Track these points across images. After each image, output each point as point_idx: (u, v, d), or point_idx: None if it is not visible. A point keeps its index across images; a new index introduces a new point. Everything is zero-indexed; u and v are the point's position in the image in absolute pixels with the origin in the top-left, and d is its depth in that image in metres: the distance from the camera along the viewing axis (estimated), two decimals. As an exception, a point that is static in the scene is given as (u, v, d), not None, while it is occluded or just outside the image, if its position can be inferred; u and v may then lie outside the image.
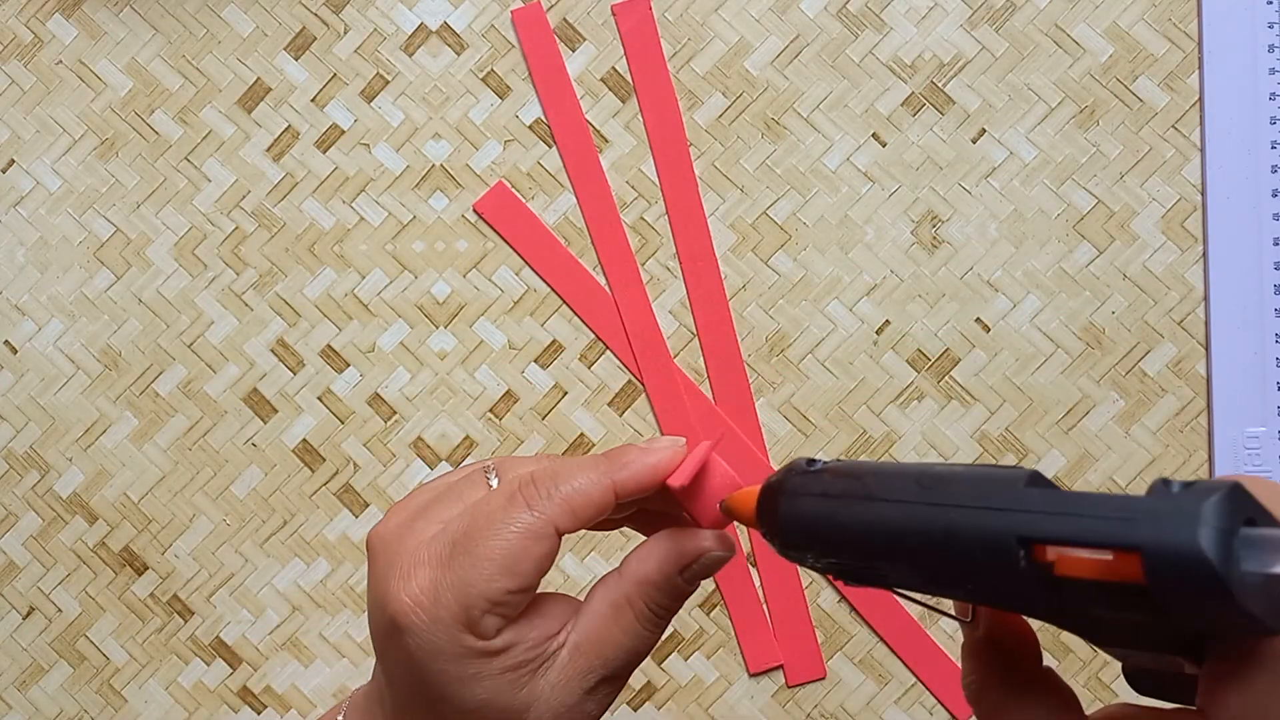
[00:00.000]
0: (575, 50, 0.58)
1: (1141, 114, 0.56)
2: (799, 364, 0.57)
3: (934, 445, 0.57)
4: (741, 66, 0.57)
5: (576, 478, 0.33)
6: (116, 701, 0.58)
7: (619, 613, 0.34)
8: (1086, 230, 0.56)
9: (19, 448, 0.59)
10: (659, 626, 0.35)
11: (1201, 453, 0.56)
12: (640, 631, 0.34)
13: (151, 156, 0.59)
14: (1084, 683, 0.56)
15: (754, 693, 0.57)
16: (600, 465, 0.34)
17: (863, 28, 0.57)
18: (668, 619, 0.35)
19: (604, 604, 0.35)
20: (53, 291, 0.59)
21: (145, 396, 0.58)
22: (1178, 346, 0.56)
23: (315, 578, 0.58)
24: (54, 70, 0.59)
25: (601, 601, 0.35)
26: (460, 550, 0.33)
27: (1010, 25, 0.57)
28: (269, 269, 0.58)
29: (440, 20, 0.58)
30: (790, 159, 0.57)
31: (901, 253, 0.57)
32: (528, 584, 0.33)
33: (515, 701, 0.34)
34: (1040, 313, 0.56)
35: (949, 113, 0.57)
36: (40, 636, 0.59)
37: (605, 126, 0.58)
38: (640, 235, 0.58)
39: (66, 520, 0.59)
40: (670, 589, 0.34)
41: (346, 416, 0.58)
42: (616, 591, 0.35)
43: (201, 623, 0.58)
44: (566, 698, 0.34)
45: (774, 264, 0.57)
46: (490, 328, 0.58)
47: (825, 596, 0.57)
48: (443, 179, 0.58)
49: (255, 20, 0.58)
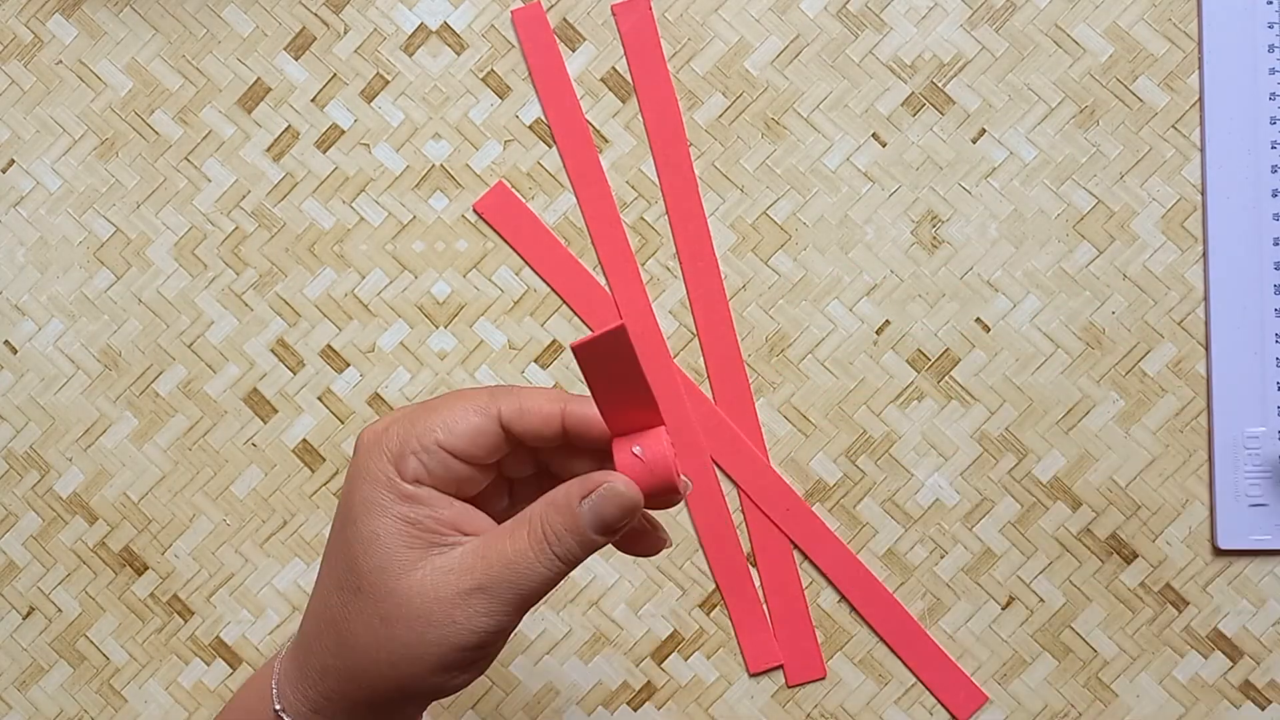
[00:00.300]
0: (575, 50, 0.58)
1: (1141, 114, 0.56)
2: (799, 364, 0.57)
3: (934, 445, 0.57)
4: (741, 66, 0.57)
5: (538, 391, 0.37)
6: (116, 701, 0.58)
7: (517, 526, 0.37)
8: (1086, 230, 0.56)
9: (19, 448, 0.59)
10: (548, 557, 0.36)
11: (1201, 453, 0.56)
12: (527, 549, 0.36)
13: (151, 156, 0.59)
14: (1084, 683, 0.56)
15: (754, 693, 0.57)
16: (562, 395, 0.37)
17: (863, 28, 0.57)
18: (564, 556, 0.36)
19: (511, 521, 0.37)
20: (53, 291, 0.59)
21: (145, 396, 0.58)
22: (1178, 346, 0.56)
23: (315, 578, 0.58)
24: (54, 70, 0.59)
25: (511, 520, 0.37)
26: (422, 406, 0.37)
27: (1010, 25, 0.57)
28: (269, 269, 0.58)
29: (440, 20, 0.58)
30: (790, 159, 0.57)
31: (901, 253, 0.57)
32: (458, 448, 0.36)
33: (398, 554, 0.36)
34: (1040, 313, 0.56)
35: (949, 113, 0.57)
36: (40, 636, 0.59)
37: (605, 126, 0.58)
38: (640, 235, 0.58)
39: (66, 520, 0.59)
40: (569, 516, 0.36)
41: (347, 417, 0.58)
42: (524, 511, 0.37)
43: (201, 623, 0.58)
44: (443, 589, 0.36)
45: (774, 264, 0.57)
46: (490, 328, 0.58)
47: (825, 597, 0.57)
48: (443, 179, 0.58)
49: (255, 20, 0.58)
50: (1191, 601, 0.56)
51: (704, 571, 0.57)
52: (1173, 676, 0.56)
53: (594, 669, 0.58)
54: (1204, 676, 0.56)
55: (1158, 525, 0.56)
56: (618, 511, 0.36)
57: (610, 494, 0.35)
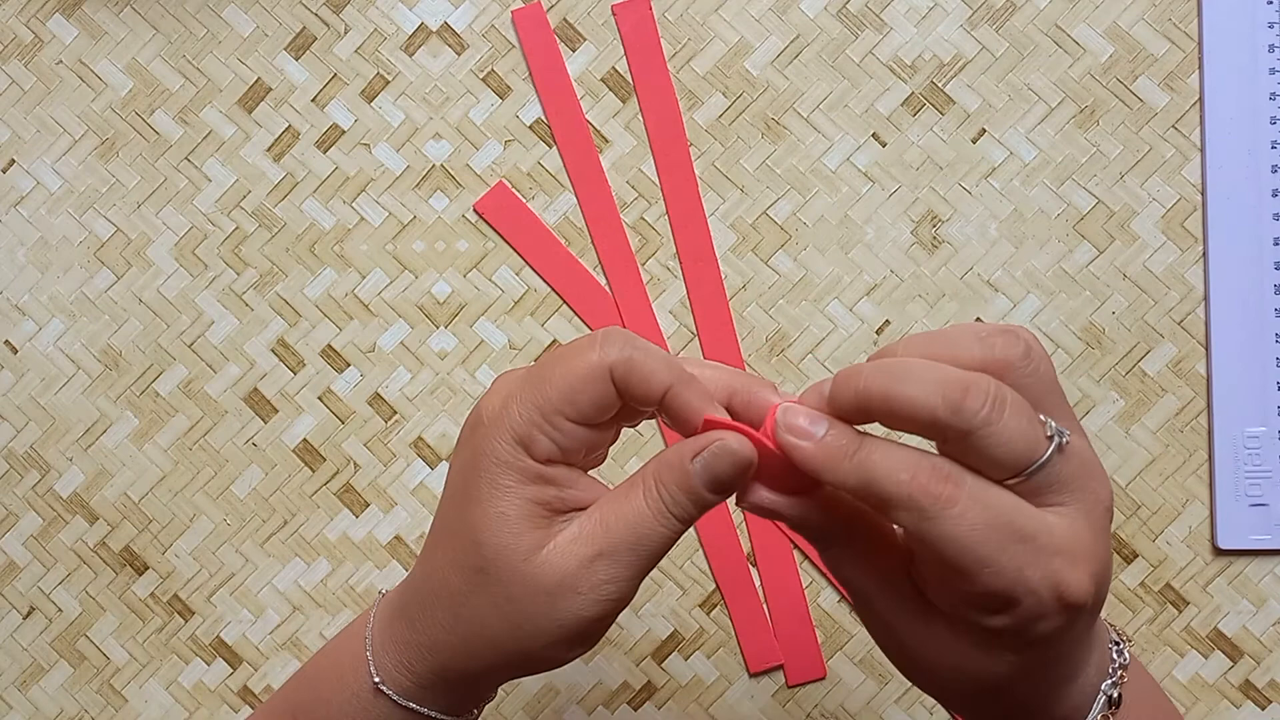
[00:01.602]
0: (575, 50, 0.58)
1: (1141, 114, 0.56)
2: (799, 364, 0.57)
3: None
4: (741, 66, 0.57)
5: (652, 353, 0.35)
6: (117, 701, 0.59)
7: (631, 487, 0.36)
8: (1086, 230, 0.56)
9: (19, 448, 0.59)
10: (664, 515, 0.36)
11: (1201, 453, 0.56)
12: (643, 508, 0.36)
13: (152, 156, 0.59)
14: (1084, 682, 0.56)
15: (754, 692, 0.57)
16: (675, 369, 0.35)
17: (863, 28, 0.57)
18: (679, 513, 0.36)
19: (624, 483, 0.37)
20: (53, 291, 0.59)
21: (146, 396, 0.58)
22: (1178, 346, 0.56)
23: (316, 578, 0.58)
24: (54, 70, 0.59)
25: (624, 482, 0.37)
26: (534, 378, 0.36)
27: (1010, 25, 0.57)
28: (269, 269, 0.58)
29: (440, 20, 0.58)
30: (790, 159, 0.57)
31: (901, 253, 0.57)
32: (582, 416, 0.35)
33: (526, 535, 0.36)
34: (1040, 313, 0.56)
35: (949, 113, 0.57)
36: (40, 636, 0.59)
37: (605, 126, 0.58)
38: (640, 235, 0.58)
39: (67, 520, 0.59)
40: (682, 474, 0.35)
41: (347, 416, 0.58)
42: (637, 473, 0.37)
43: (202, 623, 0.58)
44: (567, 561, 0.35)
45: (774, 264, 0.57)
46: (490, 328, 0.58)
47: (825, 596, 0.57)
48: (443, 179, 0.58)
49: (255, 20, 0.58)
50: (1191, 601, 0.56)
51: (704, 571, 0.57)
52: (1173, 676, 0.56)
53: (594, 669, 0.58)
54: (1204, 676, 0.56)
55: (1158, 525, 0.56)
56: (731, 469, 0.35)
57: (723, 451, 0.35)
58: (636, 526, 0.36)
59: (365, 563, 0.58)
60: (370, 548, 0.58)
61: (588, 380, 0.35)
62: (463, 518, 0.37)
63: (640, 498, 0.36)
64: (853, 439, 0.34)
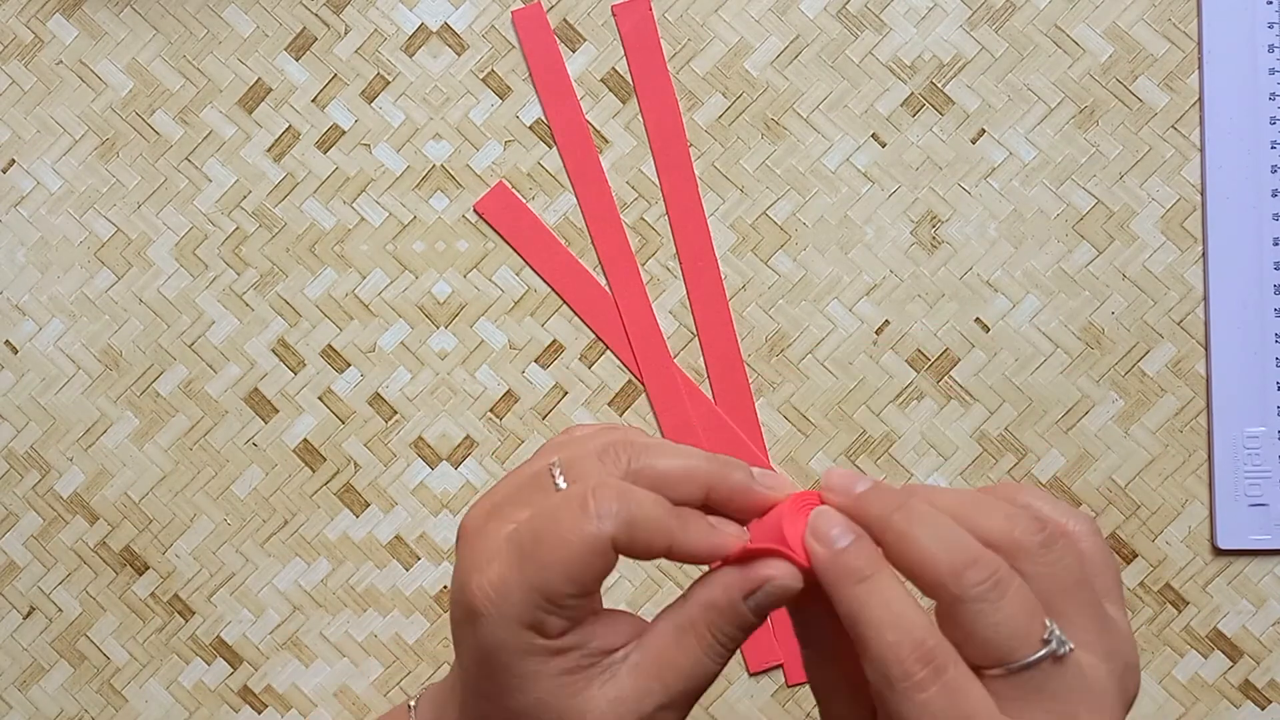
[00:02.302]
0: (575, 51, 0.58)
1: (1141, 114, 0.56)
2: (799, 364, 0.57)
3: (933, 445, 0.57)
4: (741, 67, 0.57)
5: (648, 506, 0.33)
6: (117, 701, 0.59)
7: (682, 635, 0.34)
8: (1086, 230, 0.56)
9: (19, 448, 0.59)
10: (722, 656, 0.34)
11: (1201, 453, 0.56)
12: (702, 658, 0.34)
13: (152, 157, 0.59)
14: (1084, 682, 0.56)
15: (754, 692, 0.57)
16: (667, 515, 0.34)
17: (863, 28, 0.57)
18: (732, 648, 0.34)
19: (668, 626, 0.34)
20: (53, 291, 0.59)
21: (146, 396, 0.59)
22: (1177, 346, 0.56)
23: (316, 577, 0.58)
24: (54, 70, 0.59)
25: (666, 623, 0.35)
26: (527, 555, 0.33)
27: (1010, 25, 0.57)
28: (270, 269, 0.58)
29: (440, 21, 0.58)
30: (790, 159, 0.57)
31: (901, 253, 0.57)
32: (588, 590, 0.33)
33: (569, 708, 0.34)
34: (1040, 313, 0.56)
35: (949, 113, 0.57)
36: (40, 636, 0.59)
37: (605, 127, 0.58)
38: (640, 235, 0.58)
39: (67, 520, 0.59)
40: (735, 615, 0.34)
41: (347, 416, 0.58)
42: (681, 615, 0.34)
43: (202, 622, 0.58)
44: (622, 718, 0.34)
45: (774, 264, 0.57)
46: (491, 328, 0.58)
47: (825, 596, 0.57)
48: (443, 179, 0.58)
49: (256, 20, 0.58)
50: (1191, 601, 0.56)
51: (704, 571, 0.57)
52: (1172, 676, 0.56)
53: (594, 669, 0.57)
54: (1204, 676, 0.56)
55: (1157, 525, 0.56)
56: (782, 600, 0.34)
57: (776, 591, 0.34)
58: (697, 675, 0.34)
59: (365, 562, 0.58)
60: (370, 548, 0.58)
61: (589, 556, 0.33)
62: (500, 710, 0.34)
63: (695, 646, 0.34)
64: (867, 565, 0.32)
